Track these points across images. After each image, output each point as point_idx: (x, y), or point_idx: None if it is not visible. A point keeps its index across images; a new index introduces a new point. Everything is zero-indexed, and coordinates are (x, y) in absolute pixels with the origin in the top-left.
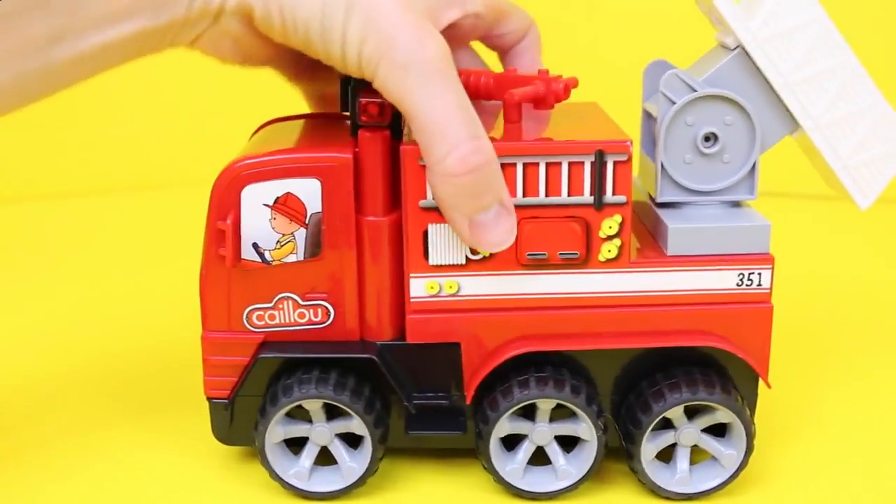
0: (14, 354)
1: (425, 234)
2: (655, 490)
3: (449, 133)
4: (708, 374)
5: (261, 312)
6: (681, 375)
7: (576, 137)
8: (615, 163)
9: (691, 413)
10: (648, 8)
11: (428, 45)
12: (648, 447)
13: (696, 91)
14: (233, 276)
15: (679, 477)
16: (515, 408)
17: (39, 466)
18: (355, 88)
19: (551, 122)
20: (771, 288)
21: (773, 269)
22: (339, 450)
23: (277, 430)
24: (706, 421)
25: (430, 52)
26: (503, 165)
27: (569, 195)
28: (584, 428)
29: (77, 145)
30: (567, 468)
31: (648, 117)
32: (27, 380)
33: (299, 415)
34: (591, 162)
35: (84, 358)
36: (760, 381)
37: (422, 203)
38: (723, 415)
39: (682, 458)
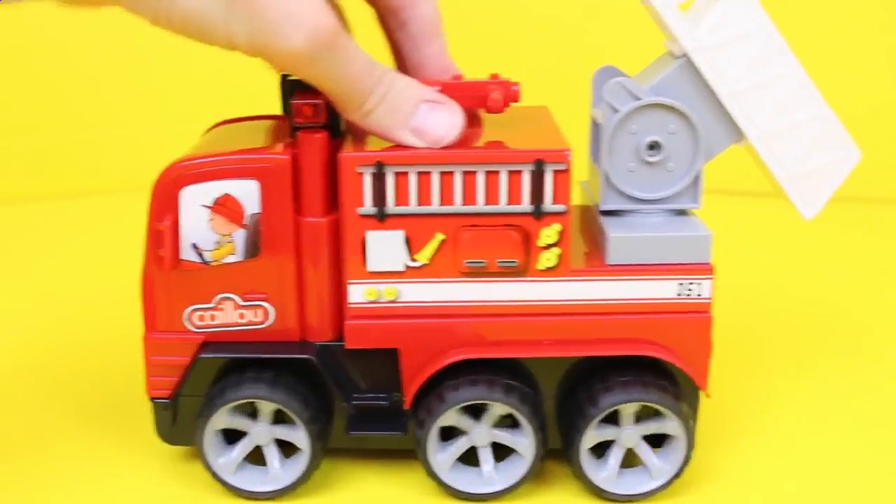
0: (13, 354)
1: (363, 241)
2: (588, 486)
3: (355, 93)
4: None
5: (202, 313)
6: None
7: (517, 145)
8: (554, 172)
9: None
10: (610, 10)
11: (301, 35)
12: (589, 439)
13: (639, 99)
14: (173, 276)
15: (606, 475)
16: (444, 415)
17: None
18: (290, 90)
19: (495, 127)
20: (711, 298)
21: (713, 279)
22: (272, 455)
23: (217, 430)
24: (651, 428)
25: (307, 39)
26: (442, 174)
27: (508, 203)
28: (522, 440)
29: (77, 145)
30: (492, 473)
31: (596, 124)
32: (24, 379)
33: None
34: (531, 171)
35: (82, 357)
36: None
37: (359, 210)
38: (670, 426)
39: (616, 457)
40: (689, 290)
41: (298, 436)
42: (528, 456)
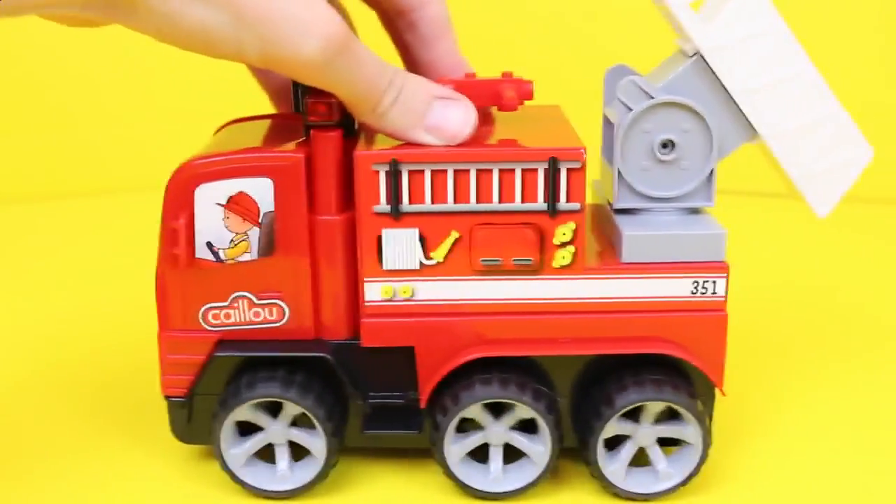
0: (21, 354)
1: (379, 239)
2: (602, 482)
3: (370, 95)
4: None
5: (216, 311)
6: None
7: (531, 143)
8: (569, 170)
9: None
10: (618, 9)
11: (314, 43)
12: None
13: (652, 98)
14: (188, 275)
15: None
16: (459, 416)
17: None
18: (303, 88)
19: (507, 125)
20: (726, 296)
21: (727, 277)
22: (282, 455)
23: (233, 427)
24: (669, 432)
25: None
26: (457, 172)
27: (522, 202)
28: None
29: (78, 146)
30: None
31: (608, 123)
32: (24, 381)
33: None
34: (545, 169)
35: (90, 357)
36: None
37: (375, 208)
38: (688, 432)
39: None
40: (705, 288)
41: (315, 442)
42: (541, 463)
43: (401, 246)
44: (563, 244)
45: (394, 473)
